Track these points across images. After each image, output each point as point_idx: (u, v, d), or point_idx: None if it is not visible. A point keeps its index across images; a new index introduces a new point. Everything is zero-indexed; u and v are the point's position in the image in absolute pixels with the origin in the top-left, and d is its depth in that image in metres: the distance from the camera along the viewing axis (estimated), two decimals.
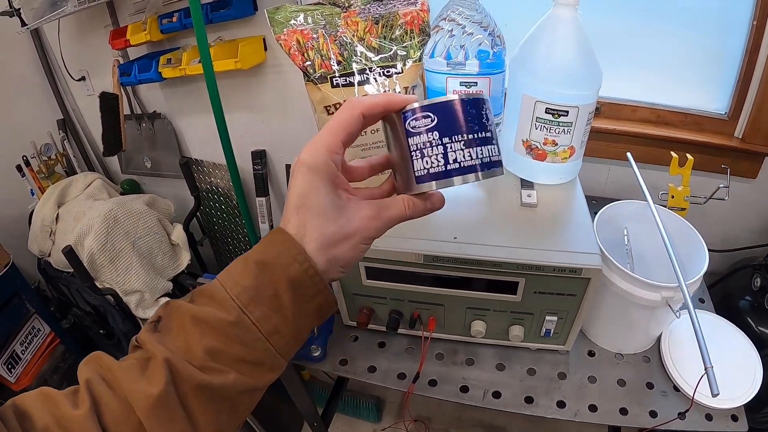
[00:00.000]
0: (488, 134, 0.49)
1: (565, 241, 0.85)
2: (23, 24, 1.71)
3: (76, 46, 2.00)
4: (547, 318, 0.89)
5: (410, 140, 0.48)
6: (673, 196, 1.11)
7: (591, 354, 0.99)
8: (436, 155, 0.47)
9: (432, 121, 0.47)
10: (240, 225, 2.05)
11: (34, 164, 2.10)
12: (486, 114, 0.49)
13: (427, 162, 0.47)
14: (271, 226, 1.97)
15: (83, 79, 2.09)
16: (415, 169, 0.48)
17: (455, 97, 0.47)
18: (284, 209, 0.48)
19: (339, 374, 1.00)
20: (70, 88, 2.20)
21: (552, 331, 0.92)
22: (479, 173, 0.48)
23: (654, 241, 0.92)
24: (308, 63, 0.84)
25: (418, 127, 0.47)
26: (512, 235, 0.87)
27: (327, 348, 1.03)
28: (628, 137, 1.32)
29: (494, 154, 0.49)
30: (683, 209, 1.11)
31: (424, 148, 0.47)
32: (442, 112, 0.47)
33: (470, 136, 0.48)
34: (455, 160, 0.47)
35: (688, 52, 1.24)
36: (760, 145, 1.23)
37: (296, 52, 0.84)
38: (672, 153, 1.08)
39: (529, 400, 0.92)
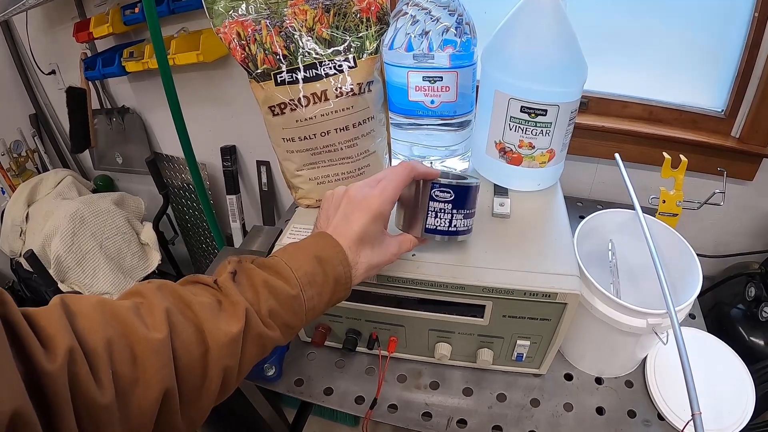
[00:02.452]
0: (474, 210, 0.73)
1: (539, 260, 0.76)
2: None
3: (45, 39, 1.95)
4: (519, 342, 0.81)
5: (431, 203, 0.68)
6: (664, 201, 1.02)
7: (568, 377, 0.90)
8: (445, 219, 0.70)
9: (450, 196, 0.68)
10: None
11: (4, 162, 2.04)
12: (477, 196, 0.73)
13: (437, 221, 0.70)
14: (243, 225, 1.91)
15: (53, 72, 2.04)
16: (427, 223, 0.70)
17: (471, 183, 0.70)
18: (338, 223, 0.63)
19: (294, 396, 0.91)
20: (41, 82, 2.14)
21: (524, 356, 0.83)
22: (462, 236, 0.73)
23: (642, 252, 0.82)
24: (249, 58, 0.75)
25: (440, 197, 0.68)
26: (479, 252, 0.78)
27: (283, 366, 0.94)
28: (617, 135, 1.24)
29: (472, 225, 0.74)
30: (675, 215, 1.03)
31: (439, 212, 0.69)
32: (459, 191, 0.68)
33: (468, 211, 0.71)
34: (454, 225, 0.71)
35: (684, 44, 1.15)
36: (759, 146, 1.14)
37: (236, 47, 0.75)
38: (664, 154, 0.99)
39: (497, 428, 0.83)
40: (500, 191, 0.91)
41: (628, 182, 0.89)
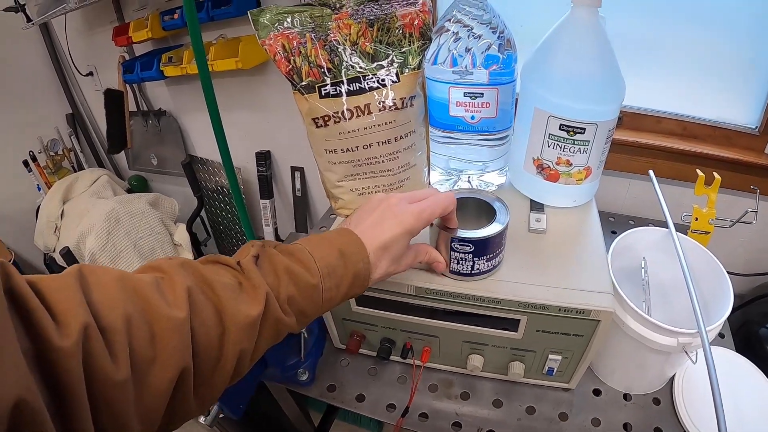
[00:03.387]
0: (500, 250, 0.75)
1: (574, 277, 0.77)
2: (28, 20, 1.70)
3: (83, 42, 2.01)
4: (551, 356, 0.81)
5: (452, 253, 0.73)
6: (697, 219, 1.02)
7: (597, 393, 0.90)
8: (467, 265, 0.74)
9: (470, 248, 0.72)
10: None
11: (41, 159, 2.09)
12: (504, 237, 0.74)
13: (460, 267, 0.75)
14: (276, 230, 1.93)
15: (91, 74, 2.09)
16: (450, 267, 0.75)
17: (490, 233, 0.70)
18: (369, 227, 0.65)
19: (326, 401, 0.93)
20: (78, 83, 2.20)
21: (555, 370, 0.84)
22: (489, 273, 0.77)
23: (674, 271, 0.83)
24: (294, 71, 0.77)
25: (461, 249, 0.72)
26: (516, 267, 0.79)
27: (316, 372, 0.96)
28: (650, 150, 1.24)
29: (499, 262, 0.77)
30: (707, 233, 1.03)
31: (461, 260, 0.74)
32: (479, 243, 0.71)
33: (491, 255, 0.74)
34: (477, 269, 0.75)
35: (718, 59, 1.15)
36: None
37: (281, 59, 0.77)
38: (698, 171, 0.99)
39: None
40: (536, 207, 0.92)
41: (663, 201, 0.90)
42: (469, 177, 0.96)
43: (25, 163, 2.04)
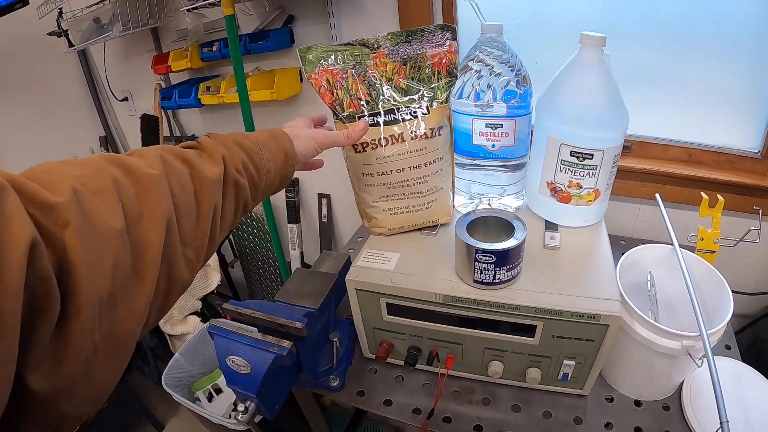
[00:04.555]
0: (519, 260, 0.84)
1: (585, 286, 0.85)
2: (70, 45, 1.79)
3: (120, 68, 2.11)
4: (565, 362, 0.89)
5: (476, 263, 0.81)
6: (702, 239, 1.09)
7: (609, 399, 0.97)
8: (489, 274, 0.82)
9: (492, 258, 0.80)
10: (271, 250, 2.09)
11: None
12: (522, 250, 0.83)
13: (483, 276, 0.83)
14: (302, 253, 2.00)
15: (126, 99, 2.18)
16: (474, 276, 0.84)
17: (510, 246, 0.79)
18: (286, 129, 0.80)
19: (355, 405, 1.00)
20: (113, 107, 2.29)
21: (570, 375, 0.91)
22: (509, 283, 0.85)
23: (680, 285, 0.90)
24: (337, 102, 0.86)
25: (483, 259, 0.80)
26: (533, 278, 0.87)
27: (345, 379, 1.04)
28: (658, 177, 1.31)
29: (518, 271, 0.85)
30: (713, 252, 1.10)
31: (483, 270, 0.82)
32: (500, 254, 0.80)
33: (510, 265, 0.82)
34: (498, 278, 0.83)
35: (722, 87, 1.22)
36: None
37: (326, 91, 0.87)
38: (702, 194, 1.06)
39: None
40: (551, 226, 1.00)
41: (666, 217, 0.97)
42: (489, 200, 1.05)
43: None
